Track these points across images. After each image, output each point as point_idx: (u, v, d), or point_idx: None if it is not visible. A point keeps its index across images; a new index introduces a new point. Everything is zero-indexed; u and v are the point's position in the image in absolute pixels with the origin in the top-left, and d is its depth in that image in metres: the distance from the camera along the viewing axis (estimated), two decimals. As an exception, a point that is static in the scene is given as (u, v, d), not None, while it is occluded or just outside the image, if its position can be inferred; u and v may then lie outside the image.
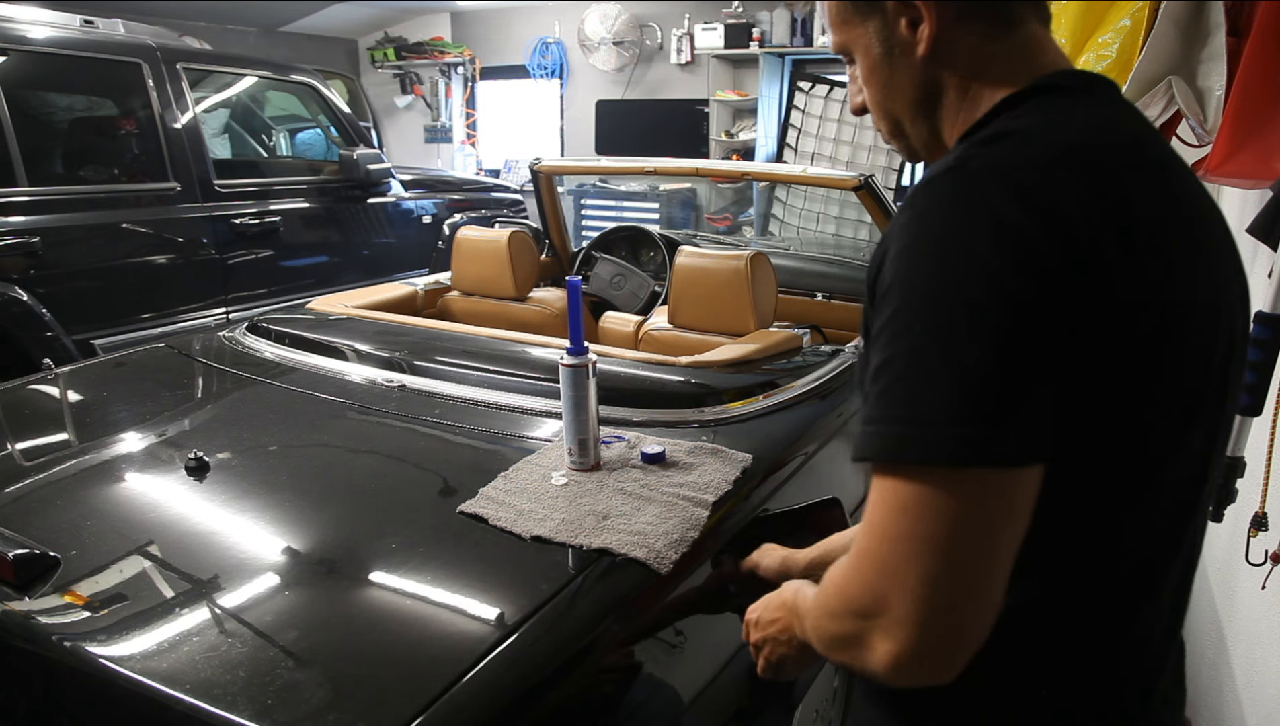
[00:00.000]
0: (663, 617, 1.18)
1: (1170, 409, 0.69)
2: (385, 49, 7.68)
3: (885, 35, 0.79)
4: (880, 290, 0.68)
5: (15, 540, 1.13)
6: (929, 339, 0.63)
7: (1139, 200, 0.68)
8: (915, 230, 0.67)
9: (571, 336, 1.36)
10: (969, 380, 0.61)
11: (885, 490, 0.64)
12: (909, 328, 0.64)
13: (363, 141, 4.34)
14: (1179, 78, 1.51)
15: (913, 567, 0.62)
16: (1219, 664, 1.88)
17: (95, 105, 3.59)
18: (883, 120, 0.85)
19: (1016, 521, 0.63)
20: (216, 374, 1.95)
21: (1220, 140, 1.40)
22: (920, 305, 0.64)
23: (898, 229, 0.68)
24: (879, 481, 0.65)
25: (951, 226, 0.65)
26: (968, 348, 0.62)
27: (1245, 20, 1.45)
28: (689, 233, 4.05)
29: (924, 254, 0.66)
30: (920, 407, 0.63)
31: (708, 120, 6.56)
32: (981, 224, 0.64)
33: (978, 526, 0.62)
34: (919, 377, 0.63)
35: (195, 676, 0.92)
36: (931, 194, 0.68)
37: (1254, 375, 1.28)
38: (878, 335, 0.67)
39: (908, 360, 0.64)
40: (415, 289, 2.68)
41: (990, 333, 0.62)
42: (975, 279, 0.63)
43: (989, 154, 0.69)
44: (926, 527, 0.62)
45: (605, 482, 1.33)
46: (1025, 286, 0.62)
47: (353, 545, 1.23)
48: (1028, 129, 0.71)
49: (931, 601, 0.62)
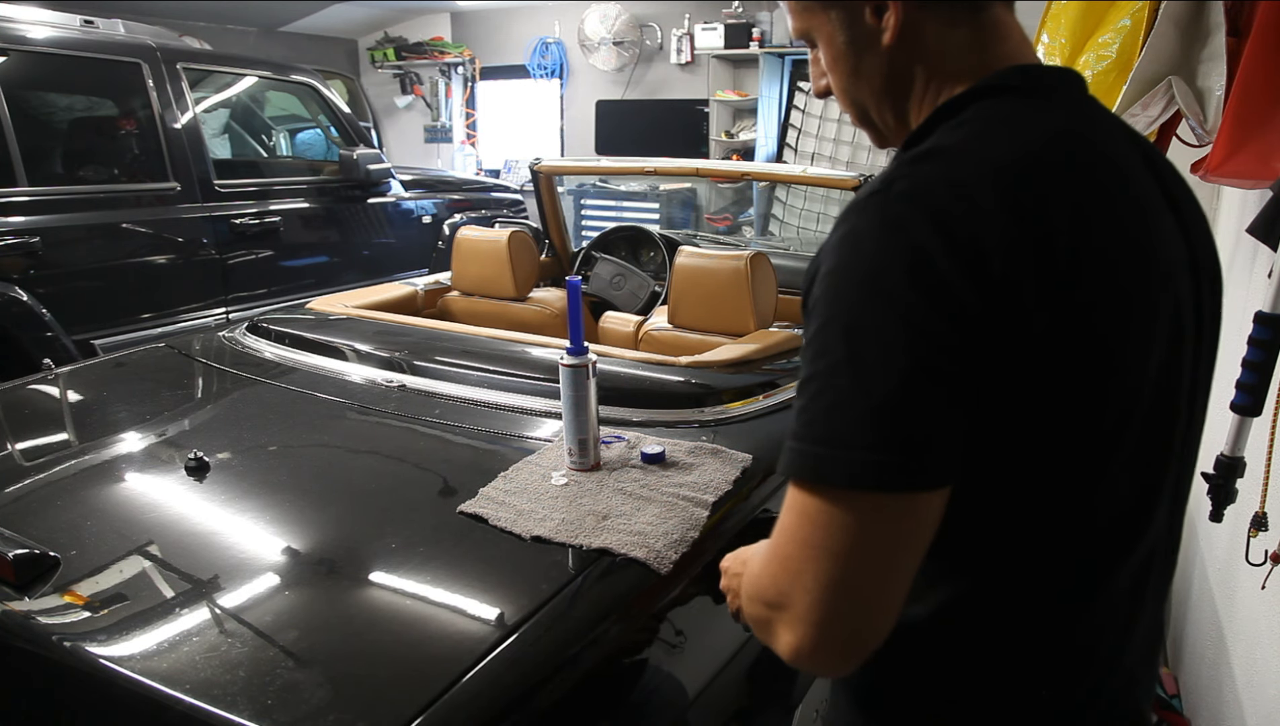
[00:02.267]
0: (663, 618, 1.18)
1: (1098, 420, 0.70)
2: (385, 49, 7.68)
3: (849, 23, 0.77)
4: (810, 305, 0.69)
5: (15, 540, 1.13)
6: (845, 365, 0.64)
7: (1064, 219, 0.67)
8: (841, 254, 0.68)
9: (571, 336, 1.36)
10: (878, 410, 0.63)
11: (796, 499, 0.66)
12: (827, 350, 0.66)
13: (363, 141, 4.34)
14: (1179, 78, 1.51)
15: (812, 572, 0.65)
16: (1219, 664, 1.88)
17: (95, 105, 3.59)
18: (849, 107, 0.84)
19: (917, 539, 0.65)
20: (216, 374, 1.95)
21: (1220, 140, 1.40)
22: (839, 331, 0.65)
23: (829, 248, 0.69)
24: (792, 489, 0.67)
25: (870, 256, 0.66)
26: (879, 379, 0.63)
27: (1245, 20, 1.45)
28: (689, 233, 4.06)
29: (846, 280, 0.66)
30: (832, 431, 0.64)
31: (708, 120, 6.56)
32: (899, 256, 0.65)
33: (876, 543, 0.64)
34: (833, 402, 0.65)
35: (195, 676, 0.92)
36: (858, 217, 0.68)
37: (1253, 375, 1.28)
38: (804, 349, 0.68)
39: (824, 383, 0.65)
40: (415, 289, 2.68)
41: (900, 366, 0.63)
42: (890, 313, 0.64)
43: (916, 176, 0.68)
44: (828, 539, 0.64)
45: (605, 483, 1.33)
46: (938, 323, 0.63)
47: (353, 545, 1.23)
48: (959, 144, 0.70)
49: (827, 605, 0.64)
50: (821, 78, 0.84)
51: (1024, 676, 0.76)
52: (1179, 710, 2.22)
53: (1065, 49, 1.75)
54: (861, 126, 0.85)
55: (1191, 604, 2.30)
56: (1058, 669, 0.76)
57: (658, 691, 1.16)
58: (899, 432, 0.63)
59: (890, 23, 0.75)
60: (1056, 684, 0.76)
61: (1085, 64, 1.70)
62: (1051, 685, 0.76)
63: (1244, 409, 1.31)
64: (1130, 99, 1.54)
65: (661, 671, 1.17)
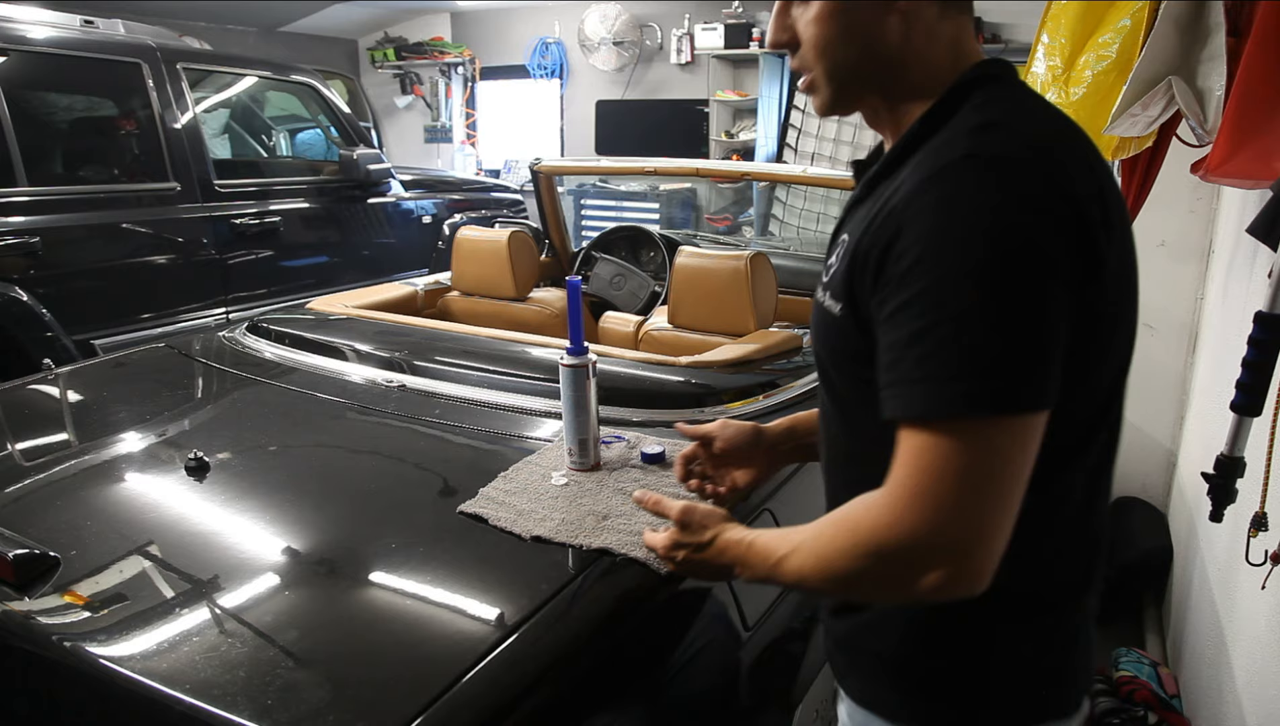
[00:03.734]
0: (662, 618, 1.18)
1: (1119, 364, 0.85)
2: (385, 49, 7.68)
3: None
4: (899, 265, 0.75)
5: (15, 540, 1.13)
6: (979, 310, 0.71)
7: (1109, 188, 0.79)
8: (949, 213, 0.74)
9: (571, 336, 1.36)
10: (1018, 344, 0.72)
11: (937, 438, 0.73)
12: (954, 298, 0.72)
13: (363, 141, 4.34)
14: (1179, 78, 1.51)
15: (966, 502, 0.73)
16: (1219, 664, 1.88)
17: (95, 105, 3.59)
18: (819, 61, 0.87)
19: (1034, 453, 0.74)
20: (216, 374, 1.95)
21: (1220, 140, 1.40)
22: (966, 280, 0.72)
23: (923, 210, 0.75)
24: (929, 432, 0.73)
25: (994, 211, 0.73)
26: (1019, 318, 0.72)
27: (1245, 20, 1.45)
28: (689, 233, 4.05)
29: (966, 236, 0.73)
30: (977, 366, 0.71)
31: (708, 120, 6.56)
32: (1026, 210, 0.73)
33: (1016, 462, 0.73)
34: (972, 343, 0.72)
35: (195, 676, 0.92)
36: (963, 180, 0.74)
37: (1253, 375, 1.28)
38: (906, 304, 0.74)
39: (958, 327, 0.72)
40: (415, 289, 2.68)
41: (1035, 307, 0.72)
42: (1024, 259, 0.72)
43: (1001, 142, 0.76)
44: (984, 465, 0.72)
45: (605, 482, 1.33)
46: (1060, 266, 0.73)
47: (353, 545, 1.23)
48: (1009, 118, 0.79)
49: (985, 529, 0.73)
50: (784, 31, 0.88)
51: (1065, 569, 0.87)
52: (1179, 710, 2.22)
53: (1065, 49, 1.75)
54: (812, 89, 0.90)
55: (1191, 604, 2.30)
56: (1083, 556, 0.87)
57: (658, 691, 1.16)
58: (1038, 360, 0.72)
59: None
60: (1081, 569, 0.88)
61: (1085, 64, 1.70)
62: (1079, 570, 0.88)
63: (1244, 409, 1.31)
64: (1130, 99, 1.54)
65: (661, 671, 1.17)
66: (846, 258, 0.85)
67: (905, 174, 0.81)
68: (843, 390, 0.91)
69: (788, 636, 1.40)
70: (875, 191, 0.87)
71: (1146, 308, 2.85)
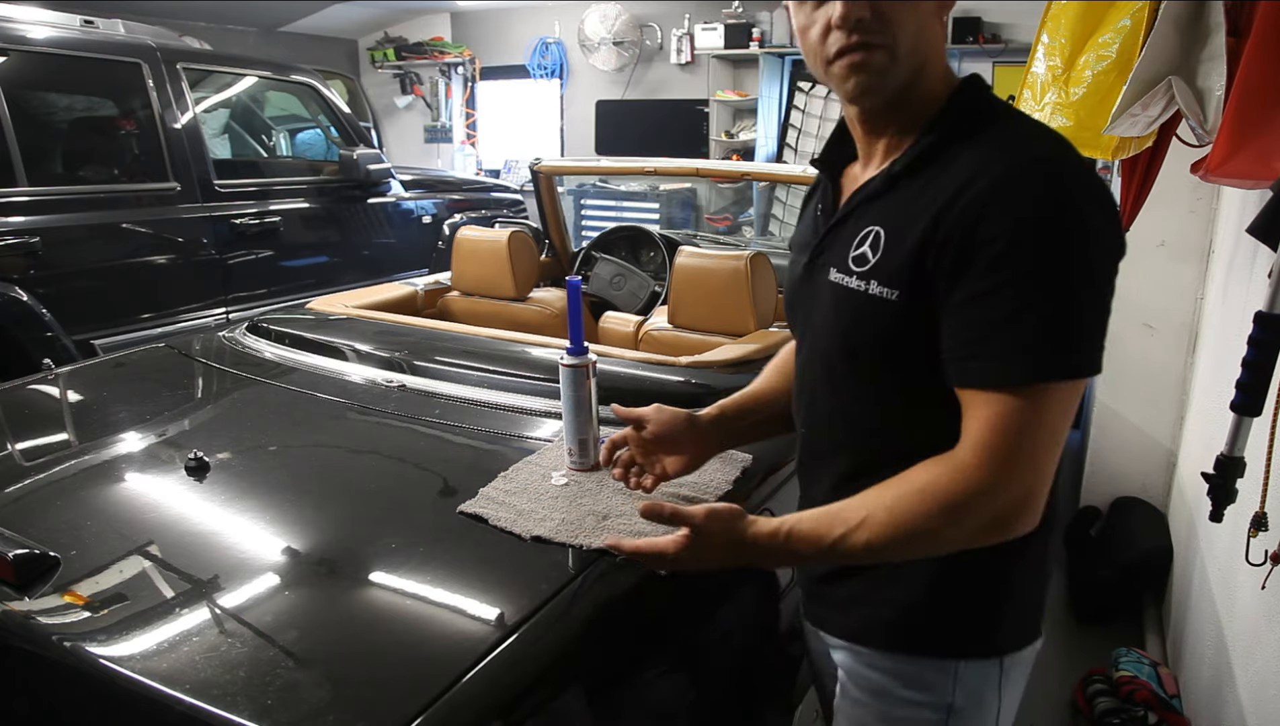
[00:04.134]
0: (663, 618, 1.18)
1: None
2: (385, 49, 7.68)
3: None
4: (989, 251, 0.86)
5: (15, 540, 1.13)
6: (1071, 294, 0.86)
7: None
8: (1037, 208, 0.85)
9: (571, 336, 1.36)
10: (1096, 320, 0.88)
11: (1018, 403, 0.86)
12: (1049, 283, 0.85)
13: (363, 141, 4.33)
14: (1179, 78, 1.51)
15: (1044, 455, 0.88)
16: (1219, 664, 1.88)
17: (95, 105, 3.59)
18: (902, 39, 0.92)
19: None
20: (216, 374, 1.95)
21: (1220, 140, 1.40)
22: (1060, 268, 0.85)
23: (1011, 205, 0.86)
24: (1011, 397, 0.86)
25: (1075, 206, 0.86)
26: (1095, 299, 0.88)
27: (1245, 20, 1.45)
28: (689, 233, 4.05)
29: (1057, 228, 0.85)
30: (1070, 339, 0.86)
31: (708, 120, 6.56)
32: (1095, 205, 0.87)
33: (1070, 416, 0.89)
34: (1064, 322, 0.86)
35: (195, 676, 0.92)
36: (1057, 178, 0.87)
37: (1253, 375, 1.28)
38: (998, 286, 0.86)
39: (1056, 306, 0.85)
40: (415, 289, 2.68)
41: (1106, 291, 0.89)
42: (1105, 254, 0.89)
43: (1064, 149, 0.91)
44: (1060, 421, 0.88)
45: (605, 483, 1.33)
46: (1117, 252, 0.90)
47: (353, 545, 1.23)
48: (1047, 131, 0.94)
49: (1048, 476, 0.90)
50: (864, 9, 0.90)
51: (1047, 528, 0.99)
52: (1179, 710, 2.22)
53: (1065, 49, 1.75)
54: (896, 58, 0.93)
55: (1191, 604, 2.30)
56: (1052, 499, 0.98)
57: (658, 691, 1.16)
58: (1100, 337, 0.88)
59: (949, 5, 0.97)
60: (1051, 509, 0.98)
61: (1085, 64, 1.70)
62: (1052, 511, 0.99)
63: (1244, 409, 1.31)
64: (1130, 99, 1.54)
65: (662, 671, 1.17)
66: (906, 245, 0.92)
67: (950, 170, 0.90)
68: (869, 376, 0.99)
69: (788, 636, 1.40)
70: (899, 186, 0.95)
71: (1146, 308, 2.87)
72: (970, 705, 1.04)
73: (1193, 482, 2.55)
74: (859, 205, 0.99)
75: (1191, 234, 2.87)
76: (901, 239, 0.92)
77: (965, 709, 1.04)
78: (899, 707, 1.05)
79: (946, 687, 1.03)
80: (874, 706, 1.07)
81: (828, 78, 0.95)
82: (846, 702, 1.10)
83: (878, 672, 1.06)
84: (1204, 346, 2.78)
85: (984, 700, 1.04)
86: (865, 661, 1.07)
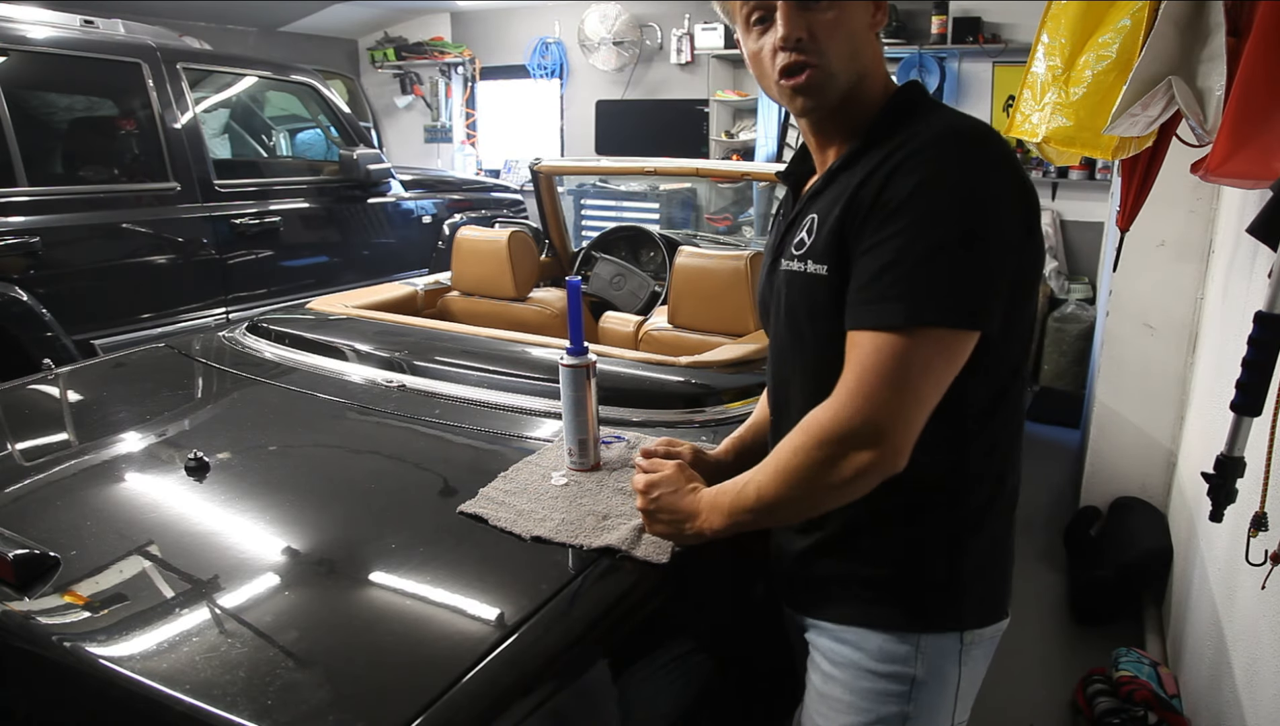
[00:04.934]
0: (663, 618, 1.18)
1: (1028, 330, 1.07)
2: (385, 49, 7.68)
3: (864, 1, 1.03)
4: (885, 209, 0.95)
5: (15, 540, 1.13)
6: (952, 247, 0.92)
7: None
8: (932, 170, 0.94)
9: (571, 337, 1.36)
10: (975, 280, 0.94)
11: (891, 344, 0.93)
12: (928, 235, 0.92)
13: (363, 141, 4.33)
14: (1179, 78, 1.51)
15: (901, 397, 0.93)
16: (1219, 664, 1.88)
17: (95, 105, 3.59)
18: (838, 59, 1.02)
19: (957, 366, 0.96)
20: (216, 374, 1.95)
21: (1220, 140, 1.39)
22: (948, 223, 0.93)
23: (912, 170, 0.94)
24: (885, 338, 0.93)
25: (969, 169, 0.95)
26: (979, 259, 0.93)
27: (1245, 20, 1.45)
28: (689, 233, 4.05)
29: (955, 187, 0.94)
30: (940, 291, 0.92)
31: (708, 120, 6.56)
32: (994, 170, 0.96)
33: (936, 366, 0.94)
34: (939, 270, 0.92)
35: (195, 676, 0.92)
36: (945, 147, 0.96)
37: (1253, 375, 1.28)
38: (885, 238, 0.94)
39: (931, 259, 0.92)
40: (415, 289, 2.68)
41: (995, 253, 0.95)
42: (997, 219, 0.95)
43: (972, 126, 0.99)
44: (921, 369, 0.93)
45: (605, 482, 1.33)
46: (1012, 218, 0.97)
47: (353, 545, 1.23)
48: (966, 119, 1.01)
49: (911, 421, 0.95)
50: (803, 30, 1.01)
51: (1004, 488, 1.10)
52: (1179, 710, 2.22)
53: (1065, 49, 1.75)
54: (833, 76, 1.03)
55: (1191, 604, 2.30)
56: (1013, 477, 1.12)
57: (658, 691, 1.16)
58: (980, 296, 0.94)
59: (881, 17, 1.06)
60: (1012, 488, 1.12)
61: (1085, 64, 1.70)
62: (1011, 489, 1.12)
63: (1243, 408, 1.31)
64: (1130, 99, 1.54)
65: (662, 671, 1.17)
66: (829, 222, 1.02)
67: (874, 160, 0.99)
68: (816, 343, 1.07)
69: (787, 635, 1.40)
70: (836, 181, 1.06)
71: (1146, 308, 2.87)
72: (932, 677, 1.10)
73: (1193, 482, 2.55)
74: (805, 203, 1.11)
75: (1191, 234, 2.87)
76: (828, 219, 1.02)
77: (927, 681, 1.10)
78: (865, 680, 1.11)
79: (910, 659, 1.09)
80: (841, 679, 1.13)
81: (779, 94, 1.07)
82: (817, 677, 1.16)
83: (845, 646, 1.12)
84: (1204, 346, 2.78)
85: (945, 673, 1.10)
86: (833, 636, 1.14)
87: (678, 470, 1.18)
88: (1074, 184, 5.26)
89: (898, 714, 1.10)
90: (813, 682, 1.18)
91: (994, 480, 1.10)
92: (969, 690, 1.14)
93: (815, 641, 1.17)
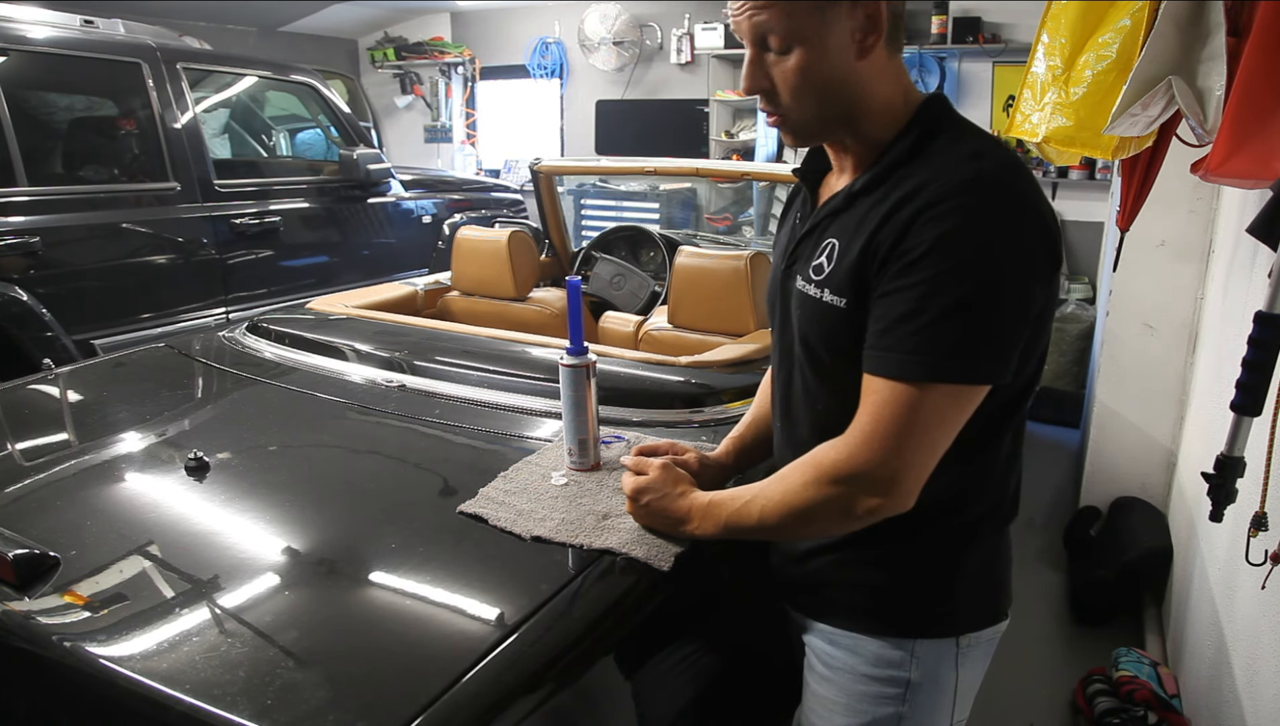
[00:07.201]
0: (663, 618, 1.18)
1: (1045, 348, 1.06)
2: (385, 49, 7.68)
3: (839, 30, 0.96)
4: (907, 257, 0.93)
5: (15, 540, 1.13)
6: (973, 304, 0.91)
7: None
8: (962, 220, 0.91)
9: (571, 336, 1.36)
10: (994, 337, 0.93)
11: (905, 395, 0.93)
12: (949, 290, 0.91)
13: (363, 141, 4.33)
14: (1179, 78, 1.51)
15: (912, 446, 0.94)
16: (1219, 664, 1.88)
17: (95, 105, 3.58)
18: (797, 108, 1.01)
19: (968, 415, 0.97)
20: (216, 374, 1.95)
21: (1220, 140, 1.39)
22: (970, 280, 0.91)
23: (935, 219, 0.92)
24: (899, 388, 0.93)
25: (1002, 228, 0.92)
26: (1000, 317, 0.93)
27: (1245, 20, 1.45)
28: (689, 233, 4.05)
29: (978, 241, 0.91)
30: (949, 347, 0.92)
31: (708, 120, 6.56)
32: (1029, 229, 0.94)
33: (949, 418, 0.96)
34: (959, 329, 0.92)
35: (195, 676, 0.92)
36: (978, 195, 0.92)
37: (1253, 375, 1.28)
38: (907, 287, 0.93)
39: (953, 315, 0.91)
40: (415, 289, 2.68)
41: (1014, 310, 0.94)
42: (1020, 275, 0.94)
43: (994, 170, 0.94)
44: (936, 422, 0.94)
45: (605, 482, 1.33)
46: (1038, 267, 0.95)
47: (352, 545, 1.23)
48: (987, 149, 0.96)
49: (918, 467, 0.96)
50: (764, 80, 1.01)
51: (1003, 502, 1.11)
52: (1179, 710, 2.22)
53: (1065, 49, 1.75)
54: (795, 126, 1.03)
55: (1191, 604, 2.30)
56: (1013, 491, 1.12)
57: (658, 690, 1.16)
58: (1000, 347, 0.94)
59: (872, 41, 0.97)
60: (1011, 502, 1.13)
61: (1085, 64, 1.70)
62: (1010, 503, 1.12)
63: (1244, 408, 1.31)
64: (1130, 99, 1.54)
65: (662, 671, 1.17)
66: (850, 257, 1.00)
67: (898, 190, 0.96)
68: (828, 373, 1.07)
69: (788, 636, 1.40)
70: (856, 204, 1.03)
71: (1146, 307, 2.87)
72: (928, 681, 1.10)
73: (1193, 482, 2.55)
74: (823, 219, 1.08)
75: (1191, 234, 2.87)
76: (849, 251, 1.00)
77: (923, 685, 1.10)
78: (861, 683, 1.12)
79: (905, 664, 1.10)
80: (836, 681, 1.14)
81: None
82: (813, 678, 1.18)
83: (841, 650, 1.13)
84: (1204, 346, 2.78)
85: (941, 677, 1.11)
86: (829, 639, 1.15)
87: (664, 472, 1.19)
88: (1074, 184, 5.27)
89: (893, 715, 1.11)
90: (810, 683, 1.19)
91: (995, 494, 1.10)
92: (968, 690, 1.14)
93: (812, 643, 1.19)
